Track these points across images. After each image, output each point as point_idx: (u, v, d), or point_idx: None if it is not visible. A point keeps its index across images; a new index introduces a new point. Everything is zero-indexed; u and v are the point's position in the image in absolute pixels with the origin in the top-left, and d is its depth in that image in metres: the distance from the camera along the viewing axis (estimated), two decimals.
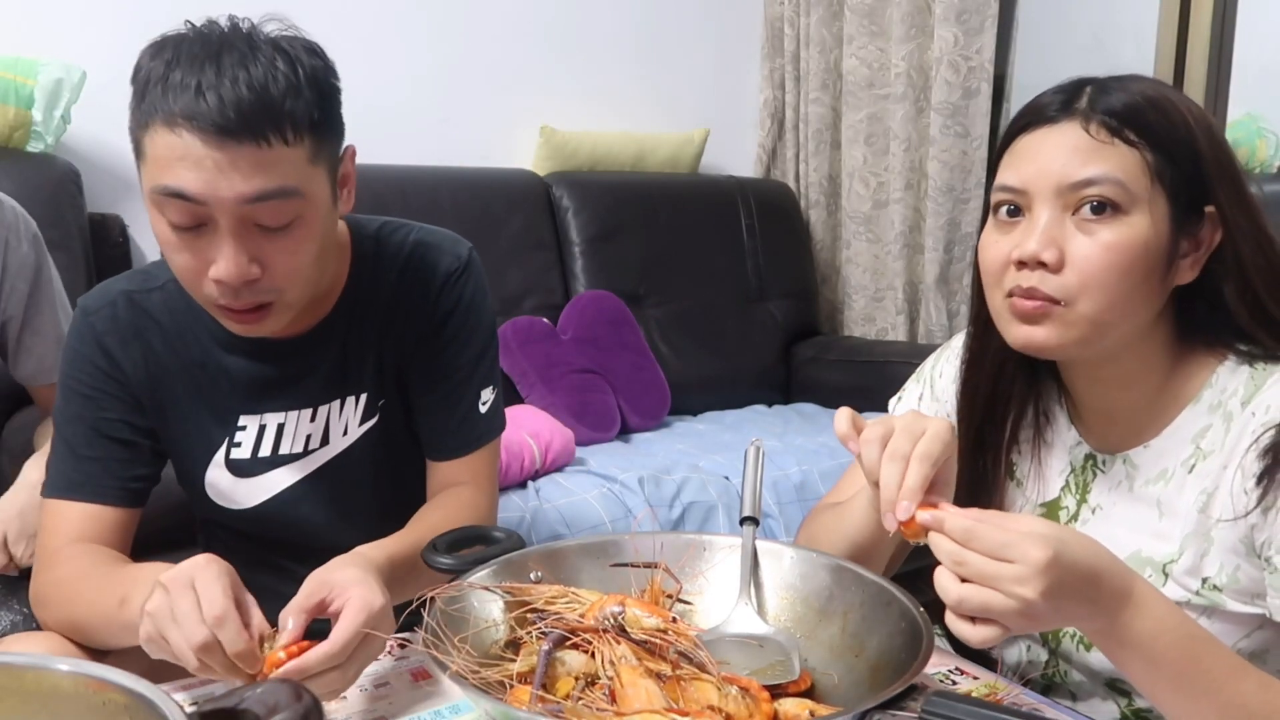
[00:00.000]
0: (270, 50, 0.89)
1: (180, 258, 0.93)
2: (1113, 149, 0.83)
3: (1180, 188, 0.84)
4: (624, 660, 0.77)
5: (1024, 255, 0.84)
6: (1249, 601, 0.84)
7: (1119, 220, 0.82)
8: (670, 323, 2.78)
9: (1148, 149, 0.83)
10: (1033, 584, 0.68)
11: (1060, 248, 0.83)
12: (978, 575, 0.70)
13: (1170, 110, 0.84)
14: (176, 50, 0.89)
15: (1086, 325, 0.84)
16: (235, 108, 0.86)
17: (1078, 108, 0.85)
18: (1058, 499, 0.99)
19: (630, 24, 3.01)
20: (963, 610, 0.71)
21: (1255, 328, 0.86)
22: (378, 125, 2.55)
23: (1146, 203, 0.83)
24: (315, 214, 0.94)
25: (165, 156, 0.88)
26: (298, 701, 0.67)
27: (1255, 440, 0.82)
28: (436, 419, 1.14)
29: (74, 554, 1.02)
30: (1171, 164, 0.83)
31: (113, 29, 2.21)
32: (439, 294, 1.12)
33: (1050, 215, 0.84)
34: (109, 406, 1.07)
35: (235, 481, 1.12)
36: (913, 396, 1.11)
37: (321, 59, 0.94)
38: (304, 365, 1.10)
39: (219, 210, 0.89)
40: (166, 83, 0.87)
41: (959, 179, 2.86)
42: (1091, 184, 0.82)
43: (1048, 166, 0.84)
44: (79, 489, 1.06)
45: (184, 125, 0.86)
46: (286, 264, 0.94)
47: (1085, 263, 0.83)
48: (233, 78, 0.86)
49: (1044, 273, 0.84)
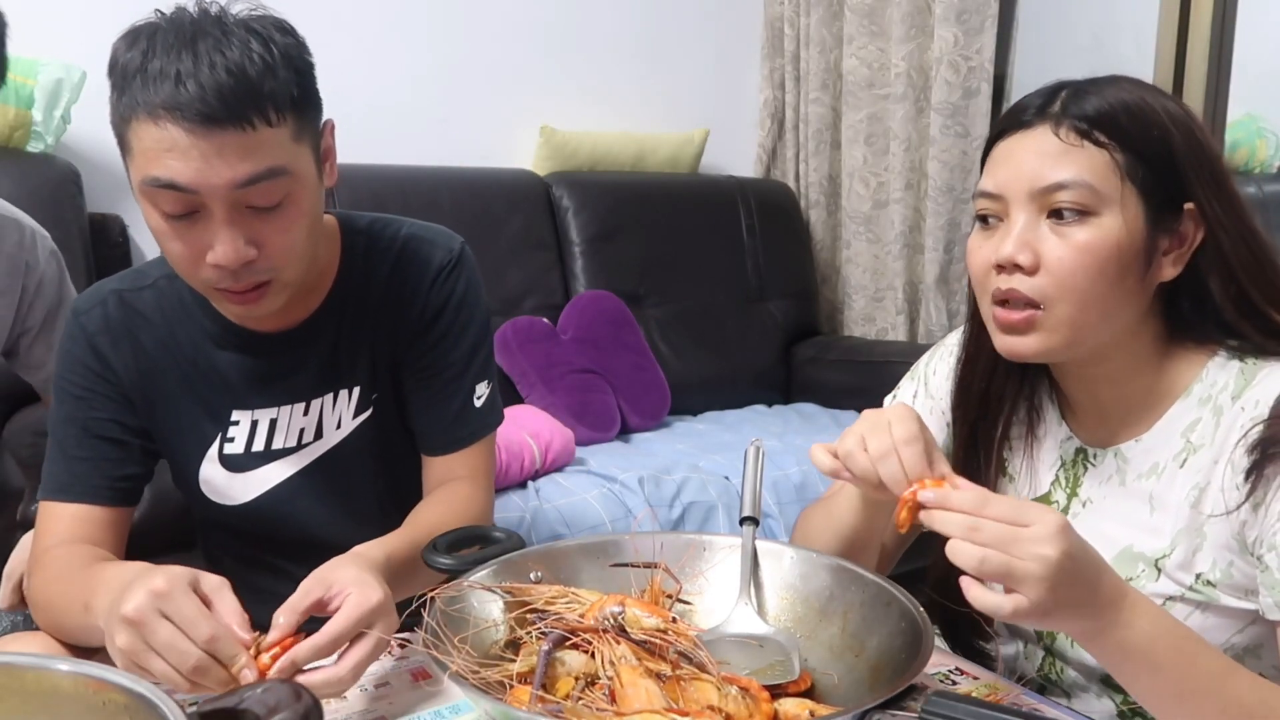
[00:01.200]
0: (243, 33, 0.89)
1: (175, 246, 0.93)
2: (1081, 151, 0.84)
3: (1154, 186, 0.84)
4: (624, 660, 0.77)
5: (1000, 259, 0.86)
6: (1243, 597, 0.85)
7: (1089, 222, 0.84)
8: (670, 323, 2.78)
9: (1118, 149, 0.84)
10: (1053, 543, 0.70)
11: (1035, 250, 0.85)
12: (995, 539, 0.71)
13: (1144, 110, 0.85)
14: (151, 40, 0.89)
15: (1067, 329, 0.85)
16: (216, 94, 0.86)
17: (1050, 111, 0.86)
18: (1048, 493, 0.99)
19: (630, 24, 3.01)
20: (985, 571, 0.71)
21: (1241, 322, 0.87)
22: (378, 125, 2.56)
23: (1118, 203, 0.84)
24: (303, 190, 0.95)
25: (152, 149, 0.88)
26: (298, 701, 0.66)
27: (1244, 434, 0.82)
28: (431, 414, 1.14)
29: (60, 555, 1.02)
30: (1143, 163, 0.84)
31: (113, 29, 2.20)
32: (431, 288, 1.12)
33: (1025, 219, 0.86)
34: (99, 406, 1.08)
35: (230, 477, 1.12)
36: (907, 394, 1.12)
37: (293, 36, 0.95)
38: (295, 359, 1.10)
39: (211, 197, 0.89)
40: (145, 74, 0.87)
41: (959, 179, 2.86)
42: (1061, 188, 0.84)
43: (1020, 171, 0.86)
44: (69, 490, 1.06)
45: (167, 116, 0.86)
46: (281, 242, 0.95)
47: (1059, 264, 0.84)
48: (210, 63, 0.86)
49: (1020, 275, 0.85)
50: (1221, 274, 0.86)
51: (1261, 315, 0.87)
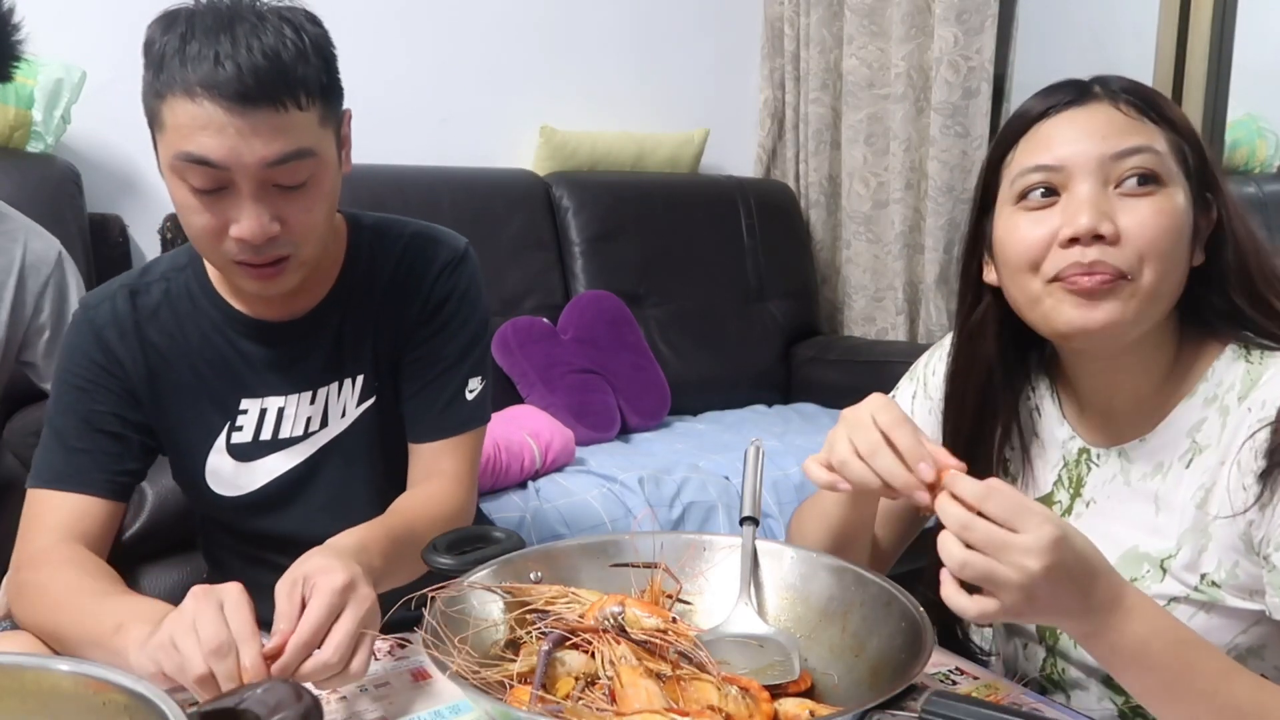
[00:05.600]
0: (277, 20, 0.94)
1: (200, 219, 0.97)
2: (1144, 125, 0.85)
3: (1192, 170, 0.86)
4: (624, 660, 0.77)
5: (1078, 230, 0.82)
6: (1248, 597, 0.84)
7: (1161, 191, 0.83)
8: (670, 323, 2.78)
9: (1169, 129, 0.85)
10: (1038, 557, 0.68)
11: (1112, 220, 0.82)
12: (984, 542, 0.70)
13: (1169, 102, 0.87)
14: (189, 23, 0.93)
15: (1146, 299, 0.83)
16: (253, 75, 0.90)
17: (1097, 93, 0.86)
18: (1050, 493, 0.99)
19: (630, 24, 3.01)
20: (966, 574, 0.70)
21: (1253, 309, 0.87)
22: (378, 125, 2.55)
23: (1177, 178, 0.85)
24: (326, 172, 1.00)
25: (187, 125, 0.92)
26: (298, 701, 0.67)
27: (1251, 436, 0.82)
28: (422, 400, 1.16)
29: (62, 558, 1.01)
30: (1186, 142, 0.86)
31: (113, 29, 2.20)
32: (435, 281, 1.15)
33: (1093, 189, 0.83)
34: (101, 399, 1.09)
35: (237, 467, 1.14)
36: (906, 394, 1.11)
37: (320, 26, 0.99)
38: (302, 347, 1.12)
39: (240, 174, 0.94)
40: (184, 54, 0.91)
41: (959, 179, 2.85)
42: (1137, 152, 0.83)
43: (1085, 141, 0.84)
44: (67, 479, 1.07)
45: (204, 94, 0.91)
46: (303, 220, 0.99)
47: (1141, 230, 0.82)
48: (247, 46, 0.91)
49: (1103, 246, 0.82)
50: (1237, 260, 0.87)
51: (1265, 302, 0.87)
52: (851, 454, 0.81)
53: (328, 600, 0.80)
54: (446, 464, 1.15)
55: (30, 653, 0.93)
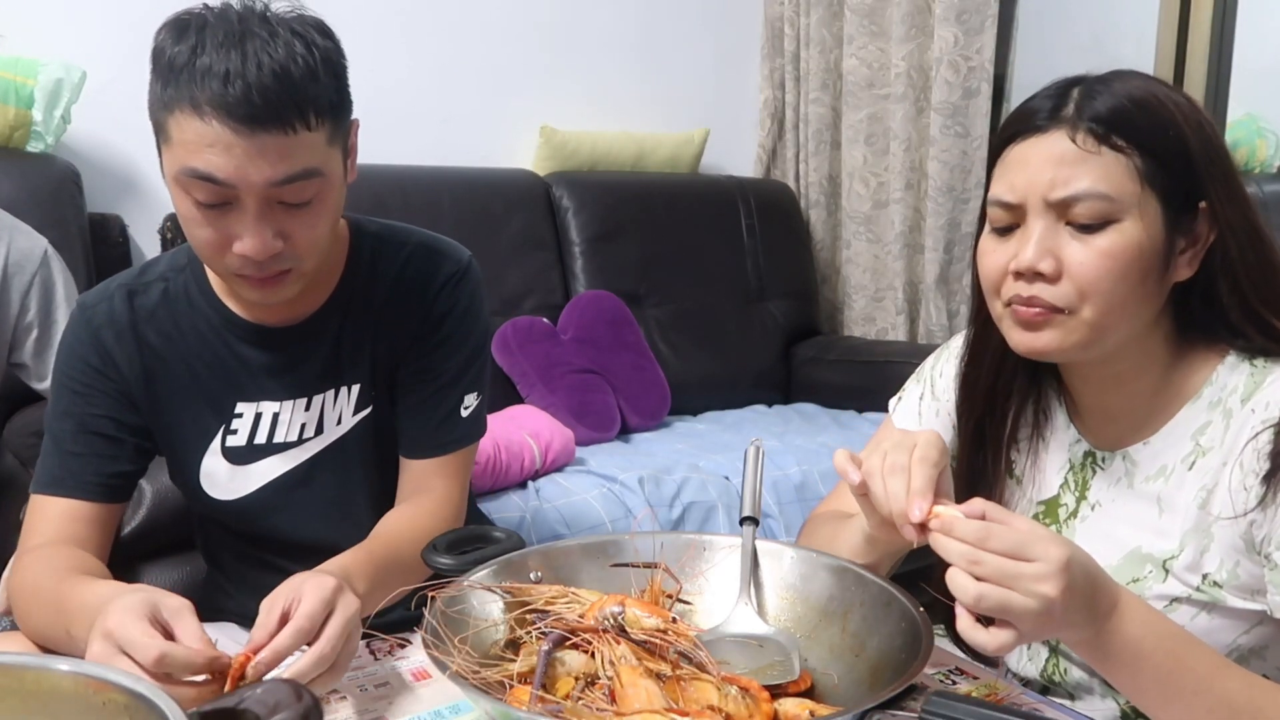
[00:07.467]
0: (288, 34, 0.92)
1: (204, 233, 0.96)
2: (1099, 158, 0.82)
3: (1172, 188, 0.84)
4: (624, 660, 0.77)
5: (1020, 267, 0.85)
6: (1249, 597, 0.85)
7: (1110, 228, 0.83)
8: (670, 323, 2.78)
9: (1136, 153, 0.83)
10: (1053, 581, 0.69)
11: (1057, 257, 0.83)
12: (996, 574, 0.70)
13: (1158, 110, 0.84)
14: (200, 34, 0.91)
15: (1088, 330, 0.84)
16: (262, 96, 0.89)
17: (1064, 115, 0.84)
18: (1056, 496, 0.99)
19: (630, 24, 3.01)
20: (981, 607, 0.71)
21: (1245, 323, 0.87)
22: (378, 125, 2.54)
23: (1137, 207, 0.83)
24: (332, 190, 0.99)
25: (194, 141, 0.91)
26: (298, 701, 0.66)
27: (1254, 437, 0.82)
28: (417, 417, 1.15)
29: (44, 558, 1.02)
30: (1161, 166, 0.83)
31: (113, 29, 2.21)
32: (436, 295, 1.14)
33: (1044, 225, 0.84)
34: (97, 402, 1.09)
35: (231, 470, 1.13)
36: (913, 396, 1.11)
37: (331, 39, 0.98)
38: (299, 353, 1.12)
39: (245, 192, 0.93)
40: (193, 69, 0.90)
41: (959, 179, 2.85)
42: (1078, 200, 0.82)
43: (1036, 179, 0.84)
44: (61, 484, 1.07)
45: (213, 113, 0.89)
46: (307, 236, 0.98)
47: (1082, 270, 0.83)
48: (258, 64, 0.89)
49: (1042, 283, 0.84)
50: (1227, 274, 0.86)
51: (1260, 317, 0.86)
52: (879, 465, 0.81)
53: (321, 595, 0.81)
54: (437, 482, 1.15)
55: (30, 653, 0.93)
